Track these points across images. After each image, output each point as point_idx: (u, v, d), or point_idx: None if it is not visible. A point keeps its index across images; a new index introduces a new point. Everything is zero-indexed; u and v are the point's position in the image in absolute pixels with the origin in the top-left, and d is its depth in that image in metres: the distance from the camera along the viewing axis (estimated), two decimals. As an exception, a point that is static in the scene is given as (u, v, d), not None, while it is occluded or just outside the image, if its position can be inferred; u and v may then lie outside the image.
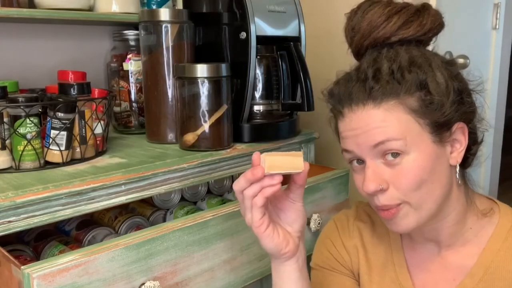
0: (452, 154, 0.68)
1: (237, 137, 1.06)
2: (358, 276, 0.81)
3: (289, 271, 0.70)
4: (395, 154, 0.65)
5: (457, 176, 0.70)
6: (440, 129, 0.66)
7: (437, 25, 0.71)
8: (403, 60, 0.67)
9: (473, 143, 0.71)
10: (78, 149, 0.90)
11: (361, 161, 0.68)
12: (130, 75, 1.16)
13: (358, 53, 0.74)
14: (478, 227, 0.73)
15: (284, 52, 1.11)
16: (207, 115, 0.98)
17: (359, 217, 0.83)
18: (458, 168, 0.70)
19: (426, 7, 0.71)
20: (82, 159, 0.91)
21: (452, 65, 0.70)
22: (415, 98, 0.65)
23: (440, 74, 0.67)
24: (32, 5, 1.10)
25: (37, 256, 0.93)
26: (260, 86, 1.10)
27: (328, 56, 1.46)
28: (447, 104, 0.66)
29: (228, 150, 1.01)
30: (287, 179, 0.68)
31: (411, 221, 0.67)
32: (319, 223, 1.00)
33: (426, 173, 0.65)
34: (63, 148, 0.87)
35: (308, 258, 0.80)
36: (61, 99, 0.87)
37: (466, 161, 0.72)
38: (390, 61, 0.67)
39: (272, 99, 1.11)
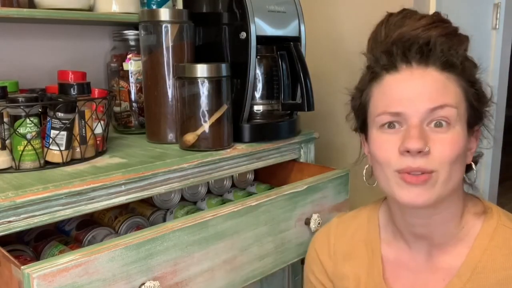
0: (468, 152, 0.71)
1: (237, 137, 1.06)
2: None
3: None
4: (444, 123, 0.66)
5: (474, 173, 0.73)
6: (470, 122, 0.69)
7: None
8: (457, 48, 0.71)
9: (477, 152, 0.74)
10: (78, 149, 0.90)
11: (395, 125, 0.68)
12: (130, 75, 1.16)
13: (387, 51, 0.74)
14: (469, 226, 0.73)
15: (284, 52, 1.11)
16: (207, 115, 0.98)
17: (340, 233, 0.84)
18: (474, 167, 0.73)
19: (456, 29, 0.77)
20: (82, 159, 0.91)
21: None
22: (467, 83, 0.68)
23: (476, 72, 0.72)
24: (32, 5, 1.10)
25: (37, 256, 0.93)
26: (260, 86, 1.10)
27: (328, 56, 1.46)
28: (484, 106, 0.71)
29: (228, 150, 1.01)
30: (286, 180, 0.68)
31: (434, 194, 0.67)
32: (319, 223, 1.00)
33: (462, 151, 0.67)
34: (63, 148, 0.87)
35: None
36: (61, 99, 0.87)
37: (470, 165, 0.74)
38: (444, 42, 0.70)
39: (272, 99, 1.12)
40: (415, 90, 0.66)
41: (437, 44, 0.69)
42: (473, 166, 0.73)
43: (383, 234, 0.81)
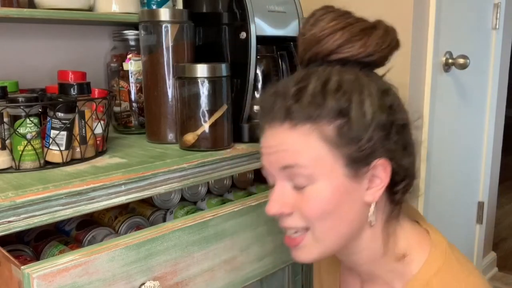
0: (368, 191, 0.63)
1: (237, 137, 1.06)
2: None
3: None
4: (303, 180, 0.62)
5: (371, 215, 0.64)
6: (355, 163, 0.61)
7: (385, 47, 0.64)
8: (331, 83, 0.61)
9: (402, 179, 0.65)
10: (78, 149, 0.90)
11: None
12: (130, 75, 1.16)
13: (301, 64, 0.68)
14: (398, 273, 0.67)
15: (284, 52, 1.11)
16: (207, 115, 0.98)
17: None
18: (373, 207, 0.64)
19: (376, 26, 0.65)
20: (82, 159, 0.91)
21: (388, 95, 0.64)
22: (332, 126, 0.60)
23: (369, 105, 0.60)
24: (32, 5, 1.10)
25: (37, 256, 0.93)
26: (260, 86, 1.10)
27: (328, 56, 1.46)
28: (365, 138, 0.60)
29: (228, 150, 1.01)
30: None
31: (313, 252, 0.65)
32: (319, 223, 1.00)
33: (330, 206, 0.61)
34: (63, 148, 0.87)
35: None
36: (61, 99, 0.87)
37: (393, 198, 0.66)
38: (318, 81, 0.61)
39: (272, 99, 1.11)
40: (270, 149, 0.64)
41: (308, 92, 0.61)
42: (372, 205, 0.64)
43: None
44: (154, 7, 1.25)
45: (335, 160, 0.60)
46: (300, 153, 0.61)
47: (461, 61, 1.58)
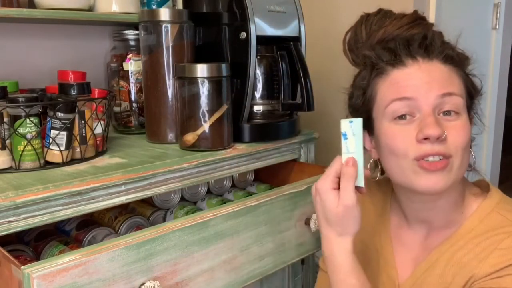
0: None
1: (237, 137, 1.06)
2: None
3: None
4: (452, 112, 0.68)
5: (473, 156, 0.74)
6: (468, 110, 0.72)
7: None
8: (450, 42, 0.74)
9: None
10: (78, 149, 0.90)
11: (407, 116, 0.70)
12: (130, 75, 1.16)
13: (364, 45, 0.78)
14: (467, 210, 0.75)
15: (284, 52, 1.11)
16: (207, 115, 0.98)
17: None
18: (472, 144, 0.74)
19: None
20: (82, 159, 0.91)
21: None
22: (465, 74, 0.72)
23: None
24: (32, 5, 1.10)
25: (37, 256, 0.93)
26: (260, 86, 1.10)
27: (328, 56, 1.46)
28: (477, 94, 0.74)
29: (228, 150, 1.01)
30: (286, 180, 0.68)
31: (450, 179, 0.68)
32: (319, 223, 1.00)
33: (469, 137, 0.70)
34: (63, 148, 0.87)
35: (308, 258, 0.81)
36: (61, 99, 0.87)
37: None
38: (440, 36, 0.74)
39: (272, 99, 1.11)
40: (424, 79, 0.69)
41: (435, 37, 0.72)
42: (472, 151, 0.74)
43: (392, 213, 0.84)
44: (154, 7, 1.25)
45: (466, 100, 0.71)
46: (455, 85, 0.70)
47: (461, 61, 1.58)
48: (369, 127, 0.76)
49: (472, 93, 0.73)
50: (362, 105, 0.76)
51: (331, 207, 0.69)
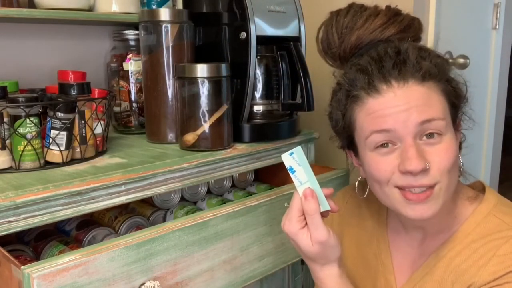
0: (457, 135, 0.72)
1: (237, 137, 1.06)
2: None
3: (334, 274, 0.71)
4: (436, 134, 0.66)
5: (461, 163, 0.72)
6: (453, 120, 0.70)
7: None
8: (426, 49, 0.70)
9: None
10: (78, 149, 0.90)
11: (388, 144, 0.67)
12: (130, 75, 1.16)
13: (345, 55, 0.76)
14: (461, 215, 0.73)
15: (284, 52, 1.11)
16: (207, 115, 0.98)
17: (355, 195, 0.85)
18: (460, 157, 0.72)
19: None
20: (82, 159, 0.91)
21: None
22: (446, 85, 0.68)
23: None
24: (32, 5, 1.10)
25: (37, 256, 0.93)
26: (260, 86, 1.10)
27: (328, 56, 1.46)
28: (462, 100, 0.71)
29: (228, 150, 1.01)
30: (286, 180, 0.68)
31: (439, 204, 0.67)
32: (319, 223, 0.99)
33: (455, 155, 0.67)
34: (63, 148, 0.87)
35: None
36: (61, 99, 0.87)
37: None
38: (414, 48, 0.69)
39: (272, 99, 1.11)
40: (401, 107, 0.65)
41: (409, 52, 0.68)
42: (459, 156, 0.73)
43: (389, 217, 0.83)
44: (154, 7, 1.25)
45: (449, 114, 0.68)
46: (435, 107, 0.66)
47: (461, 61, 1.58)
48: (353, 149, 0.75)
49: (456, 104, 0.70)
50: (343, 130, 0.74)
51: (306, 248, 0.68)
